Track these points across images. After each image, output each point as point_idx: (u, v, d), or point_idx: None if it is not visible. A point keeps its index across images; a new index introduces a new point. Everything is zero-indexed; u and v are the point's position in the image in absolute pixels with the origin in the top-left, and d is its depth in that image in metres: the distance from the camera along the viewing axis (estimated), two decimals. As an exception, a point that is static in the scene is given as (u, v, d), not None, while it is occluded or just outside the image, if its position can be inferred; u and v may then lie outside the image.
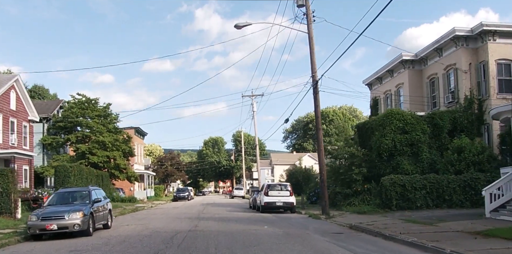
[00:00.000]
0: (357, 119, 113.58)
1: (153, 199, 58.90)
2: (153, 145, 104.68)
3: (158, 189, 72.99)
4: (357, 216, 21.52)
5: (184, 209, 33.63)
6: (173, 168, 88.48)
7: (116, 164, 35.44)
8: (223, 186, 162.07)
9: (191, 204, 43.26)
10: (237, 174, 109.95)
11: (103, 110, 37.97)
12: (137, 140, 59.03)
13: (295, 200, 27.01)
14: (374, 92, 37.83)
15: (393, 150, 25.39)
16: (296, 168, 60.33)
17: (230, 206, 36.23)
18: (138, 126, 57.62)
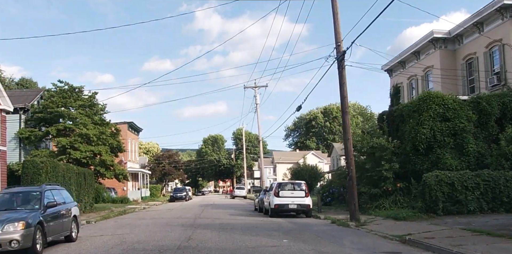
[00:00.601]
0: (362, 116, 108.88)
1: (148, 200, 54.09)
2: (151, 143, 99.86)
3: (154, 189, 68.14)
4: (395, 223, 16.74)
5: (179, 211, 28.84)
6: (171, 167, 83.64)
7: (102, 161, 30.61)
8: (223, 186, 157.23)
9: (188, 206, 38.46)
10: (238, 173, 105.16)
11: (88, 99, 33.15)
12: (130, 135, 54.22)
13: (311, 201, 22.17)
14: (395, 78, 33.05)
15: (432, 141, 20.57)
16: (302, 166, 55.49)
17: (232, 208, 31.47)
18: (131, 121, 52.82)
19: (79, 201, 27.35)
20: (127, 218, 24.61)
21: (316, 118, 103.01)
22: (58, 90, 32.56)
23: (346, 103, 17.97)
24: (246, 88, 47.03)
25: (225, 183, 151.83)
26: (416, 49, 28.88)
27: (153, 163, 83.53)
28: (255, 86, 46.60)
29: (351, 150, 17.99)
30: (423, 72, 28.86)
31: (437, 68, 26.99)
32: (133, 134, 55.63)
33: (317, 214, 22.15)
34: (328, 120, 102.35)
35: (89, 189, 29.25)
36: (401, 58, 31.36)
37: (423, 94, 21.39)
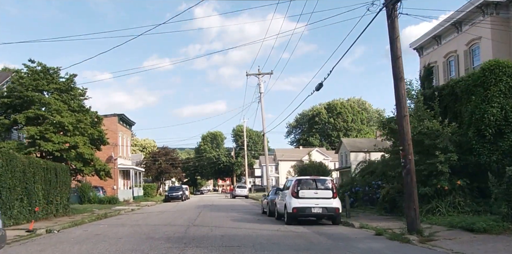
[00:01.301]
0: (367, 112, 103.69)
1: (141, 200, 48.73)
2: (147, 140, 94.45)
3: (149, 188, 62.70)
4: (474, 237, 11.45)
5: (170, 215, 23.48)
6: (168, 165, 78.24)
7: (79, 154, 25.22)
8: (222, 185, 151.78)
9: (183, 207, 33.12)
10: (238, 171, 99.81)
11: (65, 83, 27.74)
12: (121, 129, 48.81)
13: (340, 204, 16.79)
14: (426, 57, 27.70)
15: (503, 125, 15.29)
16: (309, 163, 50.14)
17: (234, 210, 26.14)
18: (122, 113, 47.42)
19: (49, 202, 22.03)
20: (103, 224, 19.23)
21: (320, 114, 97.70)
22: (29, 71, 27.13)
23: (400, 66, 12.54)
24: (249, 75, 41.66)
25: (224, 182, 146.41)
26: (458, 20, 23.53)
27: (149, 160, 78.19)
28: (258, 73, 41.23)
29: (408, 132, 12.59)
30: (467, 47, 23.51)
31: (486, 39, 21.63)
32: (124, 128, 50.23)
33: (347, 220, 16.83)
34: (332, 116, 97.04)
35: (63, 188, 23.85)
36: (436, 32, 26.04)
37: (489, 63, 16.01)
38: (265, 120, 41.00)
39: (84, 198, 39.48)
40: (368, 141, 58.62)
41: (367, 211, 21.24)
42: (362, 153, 55.95)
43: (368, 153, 56.08)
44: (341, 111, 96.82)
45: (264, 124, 40.99)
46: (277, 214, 18.97)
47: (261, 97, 41.13)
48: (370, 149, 58.42)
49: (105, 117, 48.36)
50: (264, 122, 40.98)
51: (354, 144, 57.53)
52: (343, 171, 57.08)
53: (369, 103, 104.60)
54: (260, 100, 41.29)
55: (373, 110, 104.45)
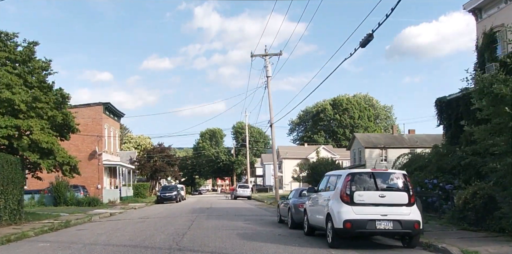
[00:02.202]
0: (374, 109, 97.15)
1: (131, 201, 42.09)
2: (141, 137, 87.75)
3: (142, 187, 56.06)
4: None
5: (153, 224, 16.88)
6: (163, 163, 71.61)
7: (34, 142, 18.61)
8: (221, 184, 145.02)
9: (175, 211, 26.52)
10: (238, 170, 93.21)
11: (23, 53, 21.21)
12: (107, 121, 42.16)
13: (419, 214, 10.13)
14: (487, 21, 21.15)
15: None
16: (319, 160, 43.66)
17: (240, 217, 19.56)
18: (108, 102, 40.78)
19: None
20: (42, 241, 12.66)
21: (325, 111, 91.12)
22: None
23: None
24: (254, 56, 35.11)
25: (223, 182, 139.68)
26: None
27: (143, 158, 71.54)
28: (265, 54, 34.66)
29: None
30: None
31: None
32: (111, 119, 43.58)
33: (425, 240, 10.25)
34: (337, 112, 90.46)
35: (9, 187, 17.25)
36: (505, -16, 19.48)
37: None
38: (272, 108, 34.45)
39: (60, 199, 32.88)
40: (383, 137, 52.13)
41: (431, 220, 14.66)
42: (377, 149, 49.44)
43: (385, 150, 49.59)
44: (347, 107, 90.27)
45: (271, 113, 34.43)
46: (307, 227, 12.37)
47: (268, 81, 34.56)
48: (388, 145, 52.03)
49: (88, 106, 41.92)
50: (272, 111, 34.42)
51: (368, 139, 51.00)
52: (357, 170, 50.55)
53: (376, 99, 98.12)
54: (266, 85, 34.72)
55: (381, 107, 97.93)
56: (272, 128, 34.52)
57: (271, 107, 34.43)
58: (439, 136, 56.22)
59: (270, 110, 34.42)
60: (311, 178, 42.65)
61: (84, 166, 40.59)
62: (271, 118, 34.40)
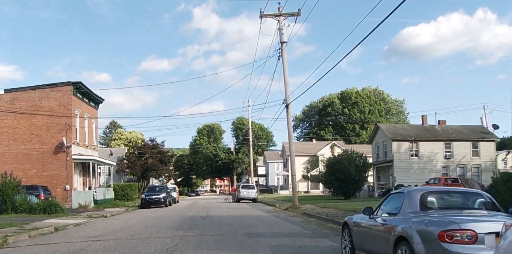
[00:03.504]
0: (385, 103, 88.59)
1: (110, 204, 33.33)
2: (133, 133, 78.91)
3: (129, 188, 47.36)
4: None
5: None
6: (156, 160, 62.79)
7: None
8: (220, 185, 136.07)
9: (154, 223, 17.72)
10: (238, 169, 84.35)
11: None
12: (80, 106, 33.33)
13: None
14: None
15: None
16: (343, 154, 34.99)
17: (259, 240, 10.73)
18: (79, 81, 31.98)
19: None
20: None
21: (333, 104, 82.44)
22: None
23: None
24: (264, 17, 26.46)
25: (222, 182, 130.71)
26: None
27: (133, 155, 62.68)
28: (278, 14, 25.97)
29: None
30: None
31: None
32: (85, 105, 34.72)
33: None
34: (346, 106, 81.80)
35: None
36: None
37: None
38: (288, 83, 25.79)
39: (7, 205, 24.09)
40: (412, 128, 43.50)
41: None
42: (407, 142, 40.79)
43: (415, 143, 40.93)
44: (356, 100, 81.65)
45: (287, 89, 25.78)
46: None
47: (283, 49, 25.90)
48: (419, 137, 43.39)
49: (53, 86, 33.03)
50: (287, 86, 25.77)
51: (395, 130, 42.36)
52: (382, 167, 41.88)
53: (387, 93, 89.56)
54: (280, 54, 26.04)
55: (392, 101, 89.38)
56: (288, 110, 25.80)
57: (286, 82, 25.77)
58: (478, 128, 47.75)
59: (285, 86, 25.76)
60: (331, 177, 34.06)
61: (49, 162, 31.79)
62: (286, 96, 25.70)
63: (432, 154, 40.94)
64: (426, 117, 43.94)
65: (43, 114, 31.34)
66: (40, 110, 31.39)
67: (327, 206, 24.74)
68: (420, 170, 40.67)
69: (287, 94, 25.60)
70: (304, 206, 26.45)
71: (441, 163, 41.12)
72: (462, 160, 41.24)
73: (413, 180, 38.89)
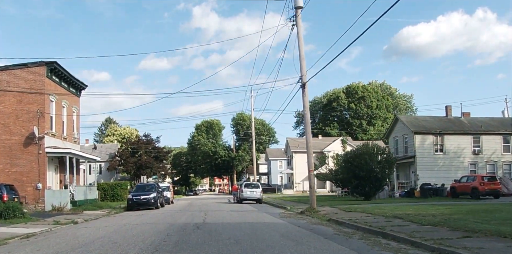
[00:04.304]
0: (392, 98, 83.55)
1: (91, 206, 28.20)
2: (127, 128, 73.68)
3: (119, 187, 42.05)
4: None
5: None
6: (150, 157, 57.75)
7: None
8: (219, 184, 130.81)
9: (132, 234, 12.61)
10: (239, 167, 79.17)
11: None
12: (54, 89, 28.05)
13: None
14: None
15: None
16: (364, 147, 29.87)
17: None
18: (53, 61, 26.80)
19: None
20: None
21: (338, 99, 77.35)
22: None
23: None
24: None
25: (221, 181, 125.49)
26: None
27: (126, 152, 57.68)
28: (293, -25, 20.81)
29: None
30: None
31: None
32: (63, 90, 29.50)
33: None
34: (353, 101, 76.70)
35: None
36: None
37: None
38: (304, 58, 20.69)
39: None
40: (436, 120, 38.38)
41: None
42: (431, 135, 35.72)
43: (441, 136, 35.87)
44: (363, 95, 76.58)
45: (303, 65, 20.67)
46: None
47: (297, 16, 20.80)
48: (444, 130, 38.23)
49: (24, 67, 27.75)
50: (304, 62, 20.65)
51: (417, 122, 37.26)
52: (402, 163, 36.76)
53: (395, 88, 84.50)
54: (294, 23, 20.93)
55: (400, 96, 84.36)
56: (304, 90, 20.64)
57: (302, 56, 20.62)
58: (507, 120, 42.61)
59: (300, 61, 20.62)
60: (349, 174, 28.96)
61: (18, 156, 26.37)
62: (302, 73, 20.55)
63: (458, 149, 35.87)
64: (450, 107, 38.88)
65: (11, 100, 26.20)
66: (7, 95, 26.23)
67: (352, 209, 19.65)
68: (446, 167, 35.61)
69: (303, 71, 20.48)
70: (323, 208, 21.37)
71: (468, 159, 36.05)
72: (492, 156, 36.19)
73: (438, 179, 33.86)
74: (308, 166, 21.05)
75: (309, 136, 21.16)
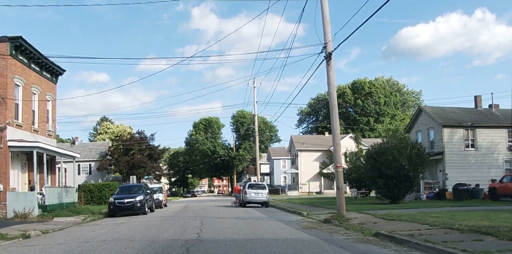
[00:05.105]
0: (401, 94, 78.81)
1: (69, 211, 23.29)
2: (121, 126, 68.72)
3: (107, 188, 37.10)
4: None
5: None
6: (144, 156, 52.82)
7: None
8: (218, 185, 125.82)
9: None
10: (239, 167, 74.24)
11: None
12: (23, 72, 23.08)
13: None
14: None
15: None
16: (392, 140, 25.03)
17: None
18: (18, 35, 21.96)
19: None
20: None
21: (344, 95, 72.53)
22: None
23: None
24: None
25: (220, 182, 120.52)
26: None
27: (118, 150, 52.75)
28: None
29: None
30: None
31: None
32: (34, 74, 24.54)
33: None
34: (359, 97, 71.93)
35: None
36: None
37: None
38: (328, 22, 15.86)
39: None
40: (465, 112, 33.53)
41: None
42: (461, 129, 30.90)
43: (472, 130, 31.05)
44: (370, 91, 71.81)
45: (327, 31, 15.85)
46: None
47: (321, -31, 15.87)
48: (476, 123, 33.40)
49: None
50: (328, 26, 15.84)
51: (445, 114, 32.40)
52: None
53: (402, 84, 79.77)
54: (317, -22, 16.02)
55: (408, 92, 79.63)
56: (330, 62, 15.76)
57: (325, 18, 15.77)
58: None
59: (324, 24, 15.76)
60: (374, 172, 24.11)
61: (-26, 151, 21.80)
62: (326, 40, 15.69)
63: (492, 144, 31.08)
64: (480, 98, 34.06)
65: (-35, 82, 21.28)
66: (-38, 76, 21.34)
67: (394, 217, 14.75)
68: (478, 165, 30.83)
69: (328, 38, 15.63)
70: (352, 215, 16.51)
71: (503, 156, 31.27)
72: (529, 152, 31.38)
73: (469, 178, 29.01)
74: (335, 161, 16.17)
75: (335, 121, 16.31)
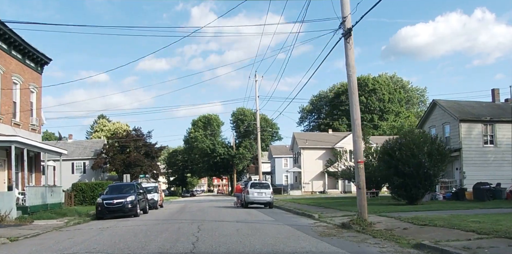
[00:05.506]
0: (405, 91, 76.51)
1: (53, 213, 20.90)
2: (117, 124, 66.33)
3: (100, 188, 34.68)
4: None
5: None
6: (140, 154, 50.47)
7: None
8: (218, 184, 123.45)
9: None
10: (239, 166, 71.87)
11: None
12: (3, 60, 20.75)
13: None
14: None
15: None
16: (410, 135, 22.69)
17: None
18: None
19: None
20: None
21: (347, 92, 70.15)
22: None
23: None
24: None
25: (220, 181, 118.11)
26: None
27: (113, 148, 50.38)
28: None
29: None
30: None
31: None
32: (15, 61, 22.05)
33: None
34: (363, 94, 69.58)
35: None
36: None
37: None
38: (350, -6, 13.43)
39: None
40: (482, 106, 31.21)
41: None
42: (480, 123, 28.57)
43: (491, 125, 28.72)
44: (374, 88, 69.50)
45: (345, 3, 13.41)
46: None
47: None
48: (495, 117, 31.10)
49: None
50: None
51: (461, 108, 30.07)
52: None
53: (407, 80, 77.49)
54: None
55: (412, 89, 77.34)
56: (349, 40, 13.37)
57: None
58: None
59: (345, -4, 13.36)
60: (390, 170, 21.78)
61: None
62: (345, 15, 13.32)
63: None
64: (498, 91, 31.75)
65: None
66: None
67: (426, 222, 12.40)
68: (497, 162, 28.52)
69: (346, 11, 13.26)
70: (375, 219, 14.13)
71: (523, 153, 28.88)
72: (551, 149, 29.03)
73: (488, 177, 26.69)
74: (355, 155, 13.72)
75: (356, 109, 13.87)
